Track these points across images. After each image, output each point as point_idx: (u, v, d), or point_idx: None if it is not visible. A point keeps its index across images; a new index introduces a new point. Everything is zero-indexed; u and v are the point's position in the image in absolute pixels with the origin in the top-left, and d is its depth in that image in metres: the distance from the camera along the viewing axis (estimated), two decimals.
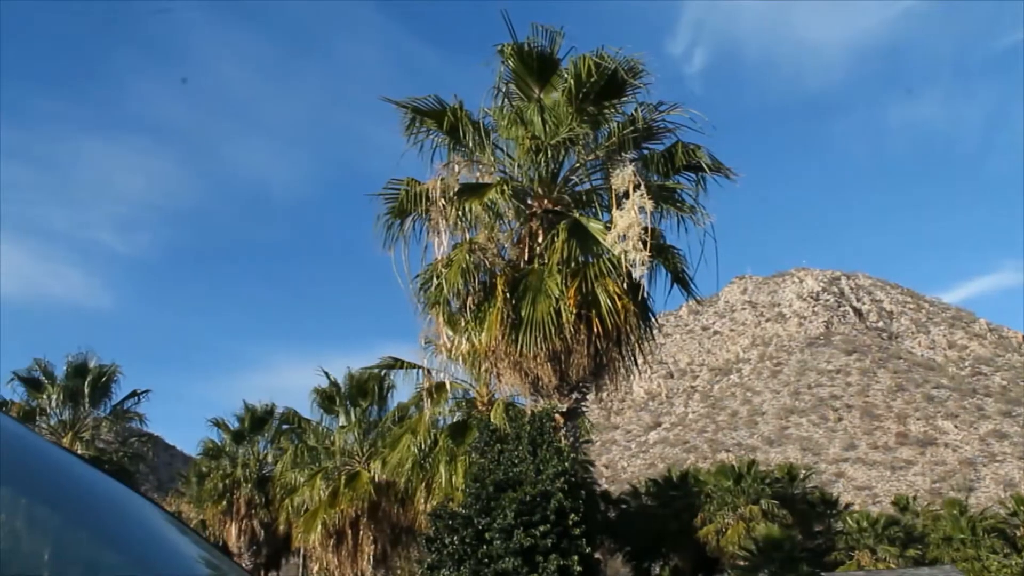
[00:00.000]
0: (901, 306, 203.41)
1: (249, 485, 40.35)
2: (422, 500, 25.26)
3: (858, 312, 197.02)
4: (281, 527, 36.22)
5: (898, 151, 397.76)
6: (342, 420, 31.98)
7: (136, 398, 37.05)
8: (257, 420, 41.69)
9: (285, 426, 38.63)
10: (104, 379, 36.19)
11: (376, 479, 28.57)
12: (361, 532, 29.64)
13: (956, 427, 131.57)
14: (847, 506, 56.07)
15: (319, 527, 28.91)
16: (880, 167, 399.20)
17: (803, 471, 55.75)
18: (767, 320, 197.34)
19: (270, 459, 41.12)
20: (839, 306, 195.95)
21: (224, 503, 40.61)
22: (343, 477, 29.78)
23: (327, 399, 31.94)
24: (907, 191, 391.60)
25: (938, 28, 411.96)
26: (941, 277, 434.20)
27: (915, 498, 67.04)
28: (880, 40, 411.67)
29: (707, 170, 16.92)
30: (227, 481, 40.60)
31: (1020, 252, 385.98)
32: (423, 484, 25.20)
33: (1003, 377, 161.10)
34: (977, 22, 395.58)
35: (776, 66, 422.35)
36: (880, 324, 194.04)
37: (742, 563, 43.98)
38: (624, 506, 48.70)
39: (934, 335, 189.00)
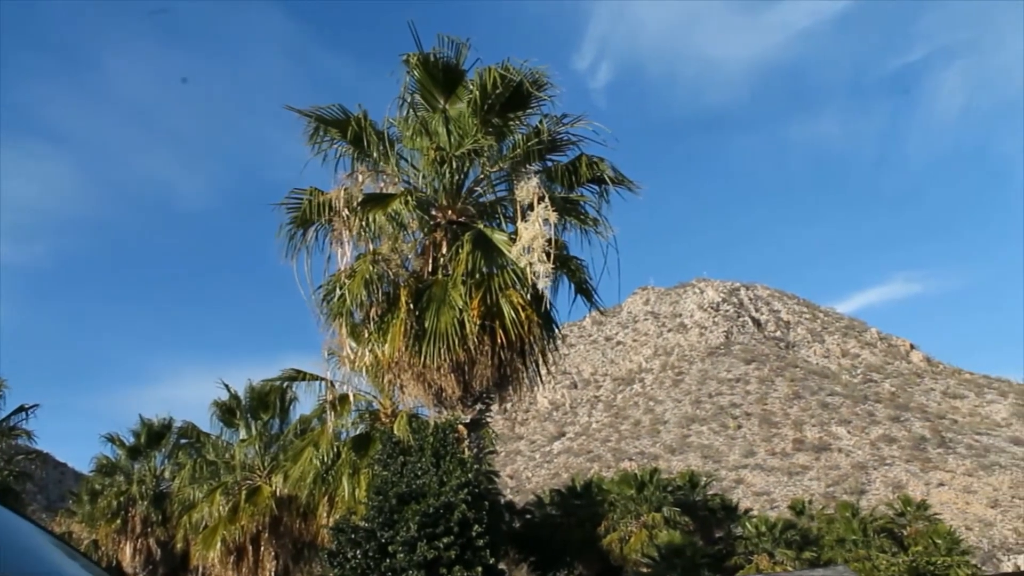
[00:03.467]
0: (798, 316, 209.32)
1: (145, 502, 39.04)
2: (325, 514, 24.86)
3: (757, 322, 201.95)
4: (179, 545, 35.17)
5: (796, 166, 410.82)
6: (243, 433, 31.26)
7: (24, 414, 35.47)
8: (154, 435, 40.39)
9: (183, 440, 37.57)
10: None
11: (278, 493, 27.97)
12: (262, 548, 28.99)
13: (849, 432, 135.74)
14: (746, 511, 57.22)
15: (218, 544, 28.16)
16: (778, 181, 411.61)
17: (704, 478, 56.71)
18: (669, 330, 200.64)
19: (167, 475, 39.87)
20: (738, 316, 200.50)
21: (118, 521, 39.15)
22: (243, 492, 29.10)
23: (227, 412, 31.18)
24: (804, 205, 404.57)
25: (835, 48, 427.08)
26: (835, 288, 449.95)
27: (811, 502, 68.92)
28: (780, 59, 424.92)
29: (610, 183, 17.14)
30: (122, 499, 39.18)
31: (909, 264, 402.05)
32: (326, 498, 24.83)
33: (892, 384, 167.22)
34: (872, 43, 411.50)
35: (679, 82, 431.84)
36: (778, 334, 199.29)
37: (645, 570, 44.47)
38: (529, 516, 48.73)
39: (828, 344, 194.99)
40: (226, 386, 31.30)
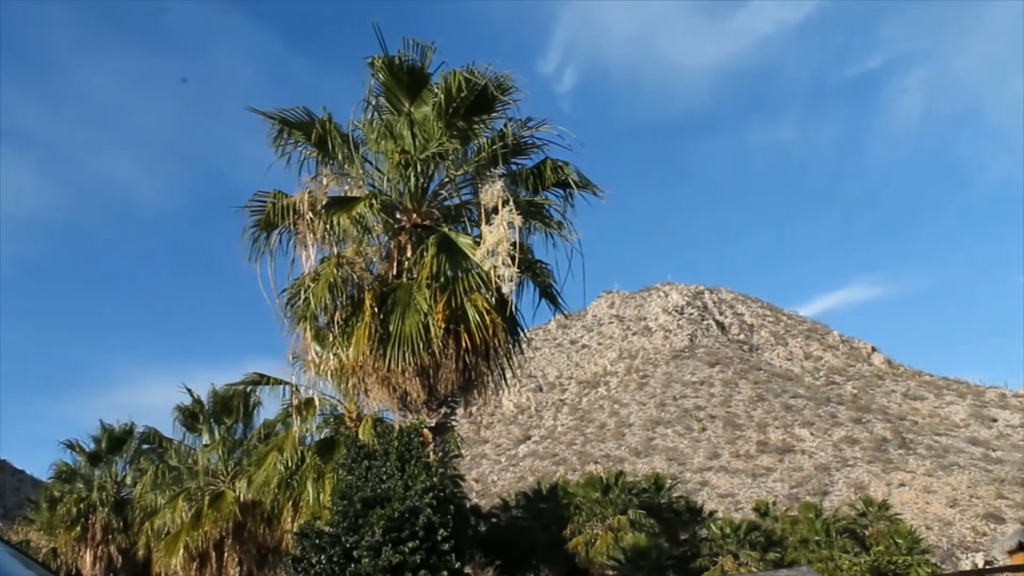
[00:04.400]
0: (761, 319, 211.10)
1: (106, 509, 38.49)
2: (289, 519, 24.71)
3: (721, 325, 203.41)
4: (140, 552, 34.70)
5: (758, 171, 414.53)
6: (206, 439, 30.98)
7: None
8: (115, 440, 39.85)
9: (145, 446, 37.13)
10: None
11: (241, 499, 27.73)
12: (226, 554, 28.75)
13: (812, 434, 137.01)
14: (711, 513, 57.62)
15: (181, 550, 27.87)
16: (742, 186, 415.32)
17: (669, 481, 57.02)
18: (634, 333, 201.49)
19: (129, 481, 39.36)
20: (703, 319, 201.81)
21: (78, 529, 38.57)
22: (207, 497, 28.82)
23: (190, 417, 30.89)
24: (766, 209, 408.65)
25: (796, 55, 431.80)
26: (798, 291, 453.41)
27: (774, 503, 69.62)
28: (743, 65, 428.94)
29: (575, 186, 17.17)
30: (82, 505, 38.60)
31: (870, 268, 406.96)
32: (290, 503, 24.68)
33: (854, 386, 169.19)
34: (832, 50, 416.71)
35: (643, 87, 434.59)
36: (741, 337, 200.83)
37: (611, 572, 44.67)
38: (494, 520, 48.75)
39: (792, 347, 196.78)
40: (189, 390, 31.05)
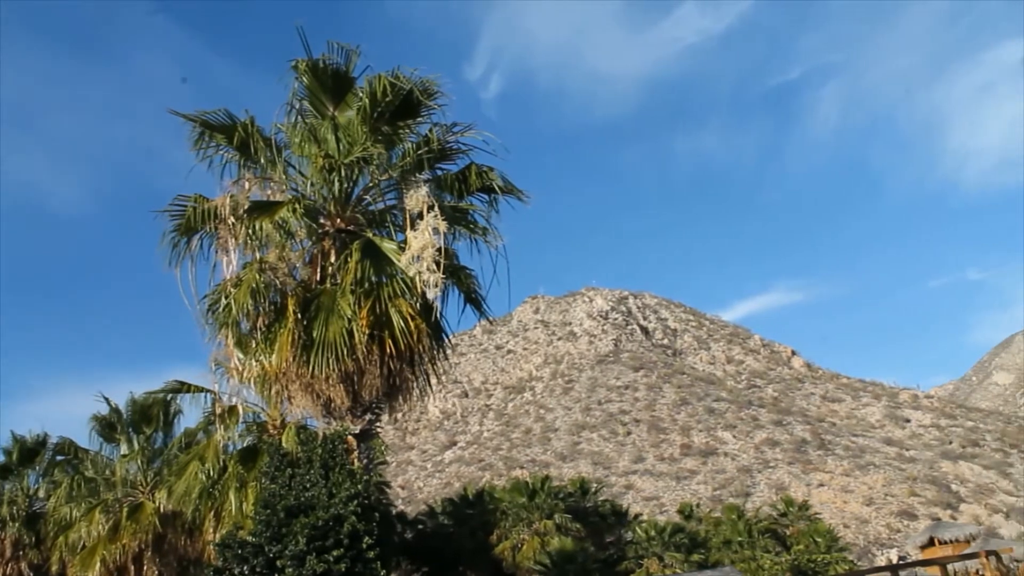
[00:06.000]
0: (684, 324, 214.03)
1: (17, 524, 37.14)
2: (211, 530, 24.25)
3: (645, 330, 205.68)
4: (54, 567, 33.58)
5: (682, 178, 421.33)
6: (124, 449, 30.20)
7: None
8: (27, 452, 38.52)
9: (60, 457, 36.04)
10: None
11: (161, 510, 27.11)
12: (145, 567, 28.04)
13: (734, 437, 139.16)
14: (636, 516, 58.06)
15: (97, 564, 27.06)
16: (666, 192, 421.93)
17: (595, 485, 57.35)
18: (559, 339, 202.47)
19: (42, 494, 38.12)
20: (627, 324, 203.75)
21: None
22: (125, 509, 28.09)
23: (107, 427, 30.07)
24: (689, 215, 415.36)
25: (719, 65, 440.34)
26: (721, 296, 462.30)
27: (698, 505, 70.68)
28: (666, 74, 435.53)
29: (500, 192, 17.23)
30: None
31: (789, 274, 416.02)
32: (212, 513, 24.23)
33: (774, 389, 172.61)
34: (753, 62, 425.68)
35: (569, 94, 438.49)
36: (665, 341, 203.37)
37: None
38: (421, 527, 48.45)
39: (714, 351, 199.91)
40: (106, 399, 30.20)
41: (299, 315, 15.36)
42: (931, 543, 46.42)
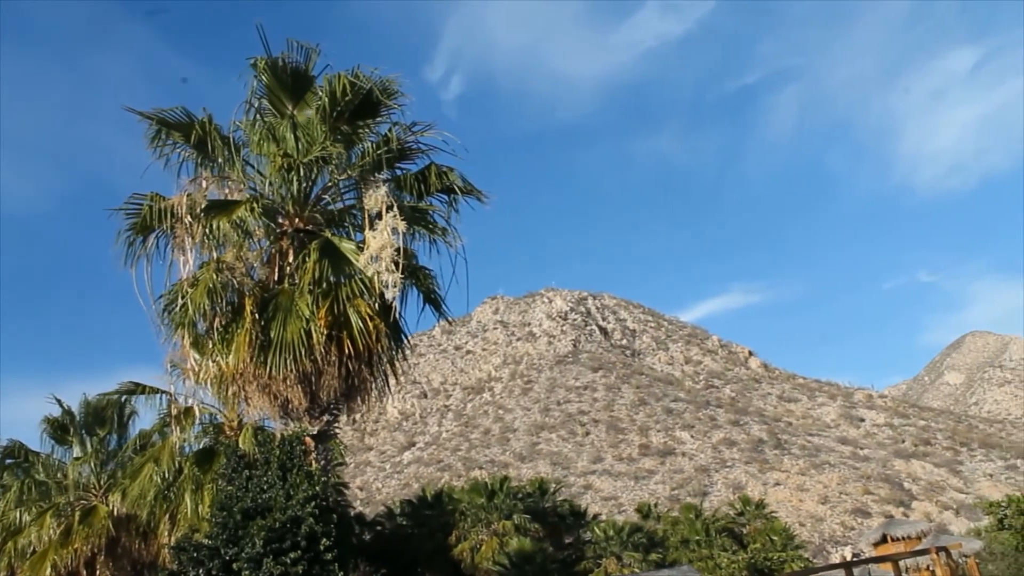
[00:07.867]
0: (643, 325, 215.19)
1: None
2: (166, 533, 23.98)
3: (604, 331, 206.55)
4: (3, 574, 33.06)
5: (642, 180, 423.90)
6: (76, 451, 29.67)
7: None
8: None
9: (9, 460, 35.23)
10: None
11: (115, 513, 26.70)
12: (98, 571, 27.58)
13: (692, 437, 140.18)
14: (595, 516, 58.20)
15: (48, 570, 26.54)
16: (625, 194, 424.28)
17: (553, 485, 57.43)
18: (518, 339, 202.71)
19: None
20: (586, 325, 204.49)
21: None
22: (77, 513, 27.60)
23: (59, 429, 29.51)
24: (648, 217, 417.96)
25: (678, 69, 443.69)
26: (679, 297, 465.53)
27: (656, 505, 71.13)
28: (626, 77, 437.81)
29: (459, 192, 17.23)
30: None
31: (746, 277, 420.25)
32: (167, 515, 23.94)
33: (732, 389, 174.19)
34: (712, 66, 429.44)
35: (529, 96, 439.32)
36: (624, 342, 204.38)
37: None
38: (379, 528, 48.22)
39: (672, 352, 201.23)
40: (58, 401, 29.63)
41: (256, 315, 15.23)
42: (884, 540, 46.98)
